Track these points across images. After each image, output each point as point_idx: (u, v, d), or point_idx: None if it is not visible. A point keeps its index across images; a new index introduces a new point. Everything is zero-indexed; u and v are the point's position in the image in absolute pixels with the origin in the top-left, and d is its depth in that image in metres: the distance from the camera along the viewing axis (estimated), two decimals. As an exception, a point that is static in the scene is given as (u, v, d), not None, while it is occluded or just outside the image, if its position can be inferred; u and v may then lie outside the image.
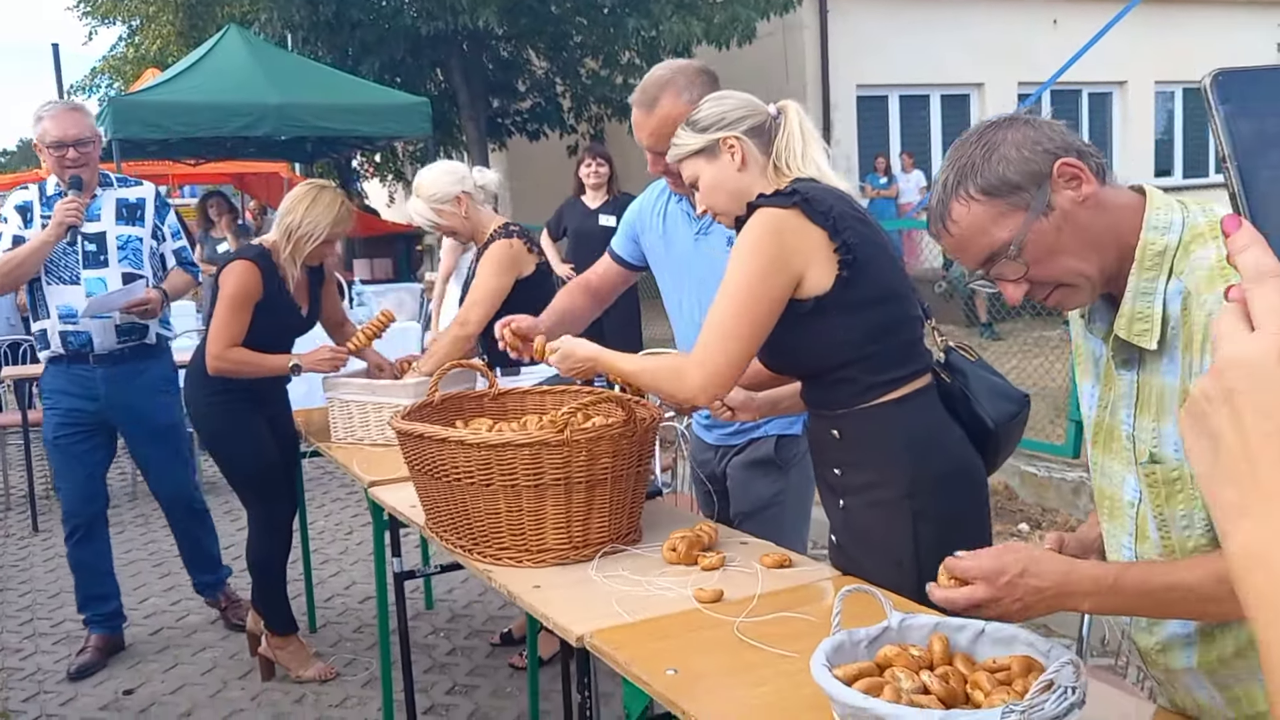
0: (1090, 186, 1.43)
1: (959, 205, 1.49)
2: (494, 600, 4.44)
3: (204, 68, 8.21)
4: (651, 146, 2.59)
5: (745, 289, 1.96)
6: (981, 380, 2.21)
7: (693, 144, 2.16)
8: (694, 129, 2.16)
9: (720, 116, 2.14)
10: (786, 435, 2.67)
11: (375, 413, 3.44)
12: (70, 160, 3.77)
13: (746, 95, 2.22)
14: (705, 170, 2.16)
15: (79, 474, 3.97)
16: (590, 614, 1.95)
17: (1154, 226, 1.44)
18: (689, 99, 2.48)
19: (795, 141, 2.14)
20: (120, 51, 18.02)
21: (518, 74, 13.27)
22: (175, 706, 3.66)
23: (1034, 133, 1.46)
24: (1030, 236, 1.44)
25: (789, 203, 1.97)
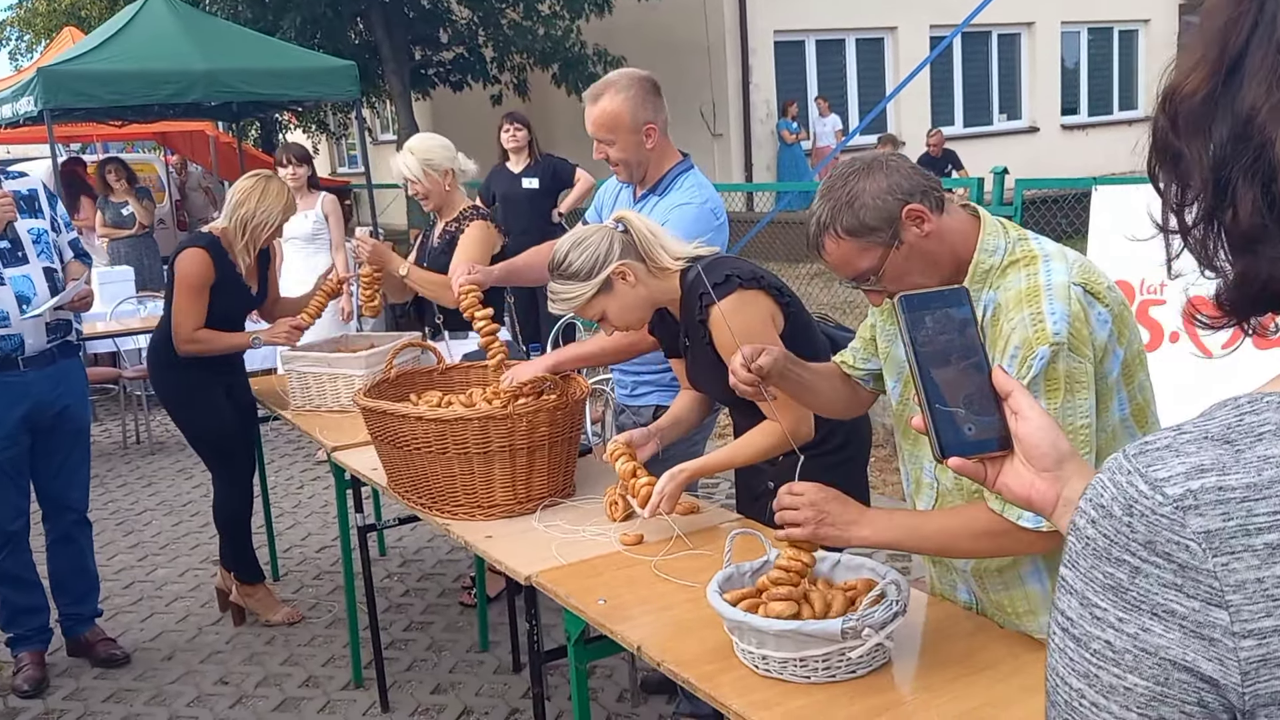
0: (931, 224, 1.82)
1: (829, 240, 1.86)
2: (442, 547, 4.86)
3: (130, 34, 8.29)
4: (594, 135, 3.02)
5: None
6: (844, 340, 2.72)
7: (587, 290, 2.41)
8: (578, 279, 2.41)
9: (595, 256, 2.41)
10: (663, 407, 3.05)
11: (331, 382, 3.81)
12: None
13: (591, 227, 2.52)
14: (609, 303, 2.45)
15: (9, 489, 3.71)
16: (535, 558, 2.38)
17: (984, 249, 1.85)
18: (625, 97, 2.93)
19: (649, 238, 2.47)
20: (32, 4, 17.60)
21: (439, 24, 13.37)
22: (156, 653, 4.03)
23: (888, 180, 1.82)
24: (886, 265, 1.84)
25: (732, 287, 2.37)
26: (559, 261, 2.45)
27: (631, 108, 2.93)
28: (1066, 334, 1.69)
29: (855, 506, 1.86)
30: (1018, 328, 1.72)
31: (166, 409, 4.16)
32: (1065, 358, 1.69)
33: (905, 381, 2.03)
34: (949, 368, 1.05)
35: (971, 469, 1.05)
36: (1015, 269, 1.81)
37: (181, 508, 5.73)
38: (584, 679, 2.26)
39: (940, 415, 1.03)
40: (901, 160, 1.88)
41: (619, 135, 2.95)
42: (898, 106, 14.14)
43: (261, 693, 3.68)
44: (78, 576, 3.98)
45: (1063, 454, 1.01)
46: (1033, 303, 1.73)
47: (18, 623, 3.85)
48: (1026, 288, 1.76)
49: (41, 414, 3.70)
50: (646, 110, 2.96)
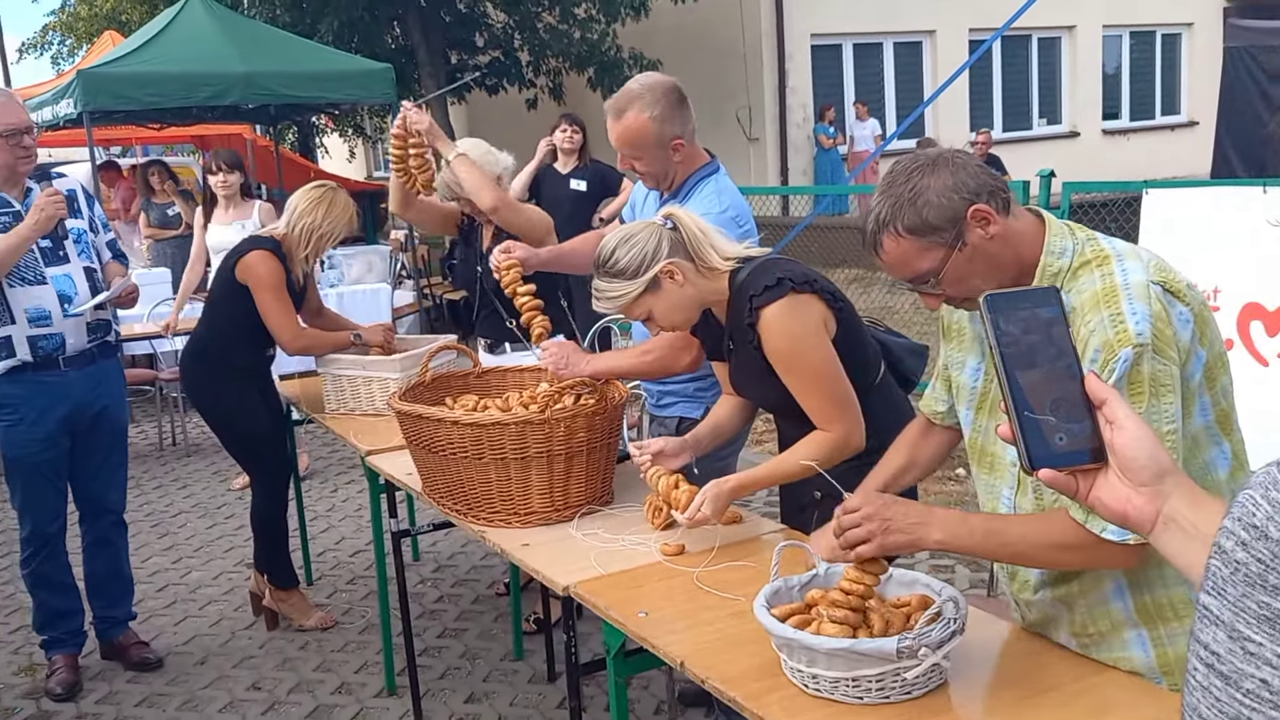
0: (997, 225, 1.73)
1: (889, 239, 1.77)
2: (477, 552, 4.80)
3: (168, 37, 8.32)
4: (618, 148, 2.93)
5: (815, 366, 2.31)
6: (895, 345, 2.65)
7: (634, 289, 2.35)
8: (624, 277, 2.35)
9: (643, 254, 2.34)
10: (688, 419, 2.98)
11: (365, 386, 3.77)
12: (25, 149, 3.54)
13: (639, 223, 2.45)
14: (655, 303, 2.38)
15: (48, 490, 3.70)
16: (572, 567, 2.31)
17: (1051, 251, 1.77)
18: (651, 115, 2.80)
19: (699, 237, 2.39)
20: (74, 8, 17.81)
21: (475, 28, 13.37)
22: (189, 657, 4.00)
23: (954, 178, 1.73)
24: (947, 268, 1.75)
25: (784, 290, 2.29)
26: (605, 258, 2.38)
27: (656, 126, 2.80)
28: (1150, 335, 1.60)
29: (918, 507, 1.77)
30: (1096, 330, 1.63)
31: (201, 413, 4.13)
32: (1150, 360, 1.60)
33: (978, 409, 1.93)
34: (1036, 371, 0.97)
35: (1063, 482, 0.97)
36: (1087, 270, 1.72)
37: (216, 510, 5.72)
38: (623, 693, 2.19)
39: (1028, 424, 0.96)
40: (968, 157, 1.79)
41: (645, 152, 2.85)
42: (936, 111, 14.00)
43: (294, 699, 3.64)
44: (113, 579, 3.97)
45: (1163, 468, 0.93)
46: (1111, 304, 1.64)
47: (53, 625, 3.84)
48: (1103, 288, 1.67)
49: (81, 415, 3.70)
50: (673, 125, 2.83)
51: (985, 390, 1.92)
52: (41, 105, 9.00)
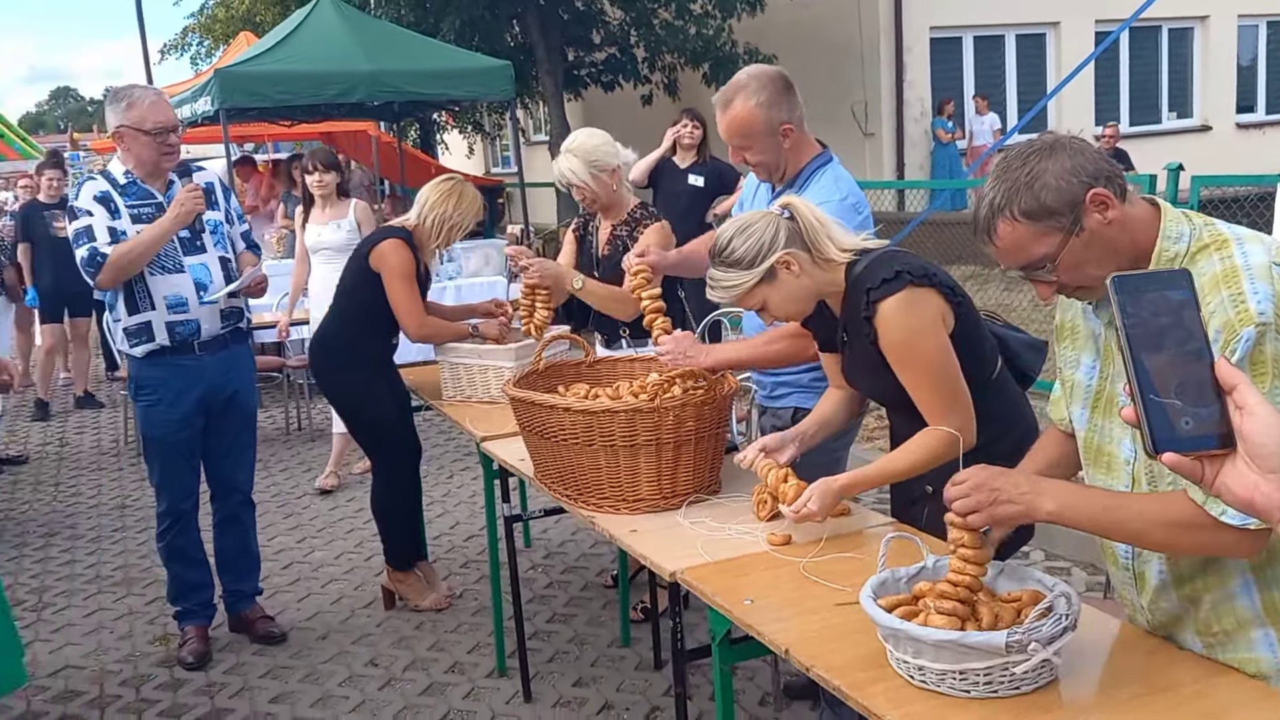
0: (1115, 210, 1.70)
1: (1004, 224, 1.75)
2: (587, 540, 4.88)
3: (299, 37, 8.66)
4: (728, 140, 2.94)
5: (931, 361, 2.29)
6: (1013, 340, 2.60)
7: (749, 279, 2.34)
8: (740, 267, 2.35)
9: (760, 244, 2.34)
10: (803, 409, 2.96)
11: (481, 374, 3.86)
12: (170, 146, 3.72)
13: (756, 213, 2.44)
14: (770, 293, 2.37)
15: (184, 468, 3.89)
16: (680, 554, 2.34)
17: (1168, 236, 1.73)
18: (757, 101, 2.82)
19: (816, 227, 2.38)
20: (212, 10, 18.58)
21: (593, 25, 13.50)
22: (311, 632, 4.17)
23: (1072, 162, 1.71)
24: (1063, 253, 1.72)
25: (902, 283, 2.27)
26: (721, 248, 2.39)
27: (764, 112, 2.81)
28: (1273, 314, 1.56)
29: (1029, 478, 1.74)
30: (1217, 311, 1.59)
31: (329, 399, 4.29)
32: (1273, 340, 1.55)
33: (1093, 408, 1.90)
34: (1163, 354, 0.97)
35: (1187, 466, 0.96)
36: (1205, 254, 1.68)
37: (339, 492, 5.92)
38: (728, 680, 2.22)
39: (1153, 406, 0.95)
40: (1085, 143, 1.76)
41: (754, 141, 2.86)
42: (1059, 104, 13.58)
43: (409, 676, 3.76)
44: (241, 556, 4.15)
45: None
46: (1232, 284, 1.60)
47: (185, 597, 4.04)
48: (1223, 270, 1.63)
49: (214, 397, 3.87)
50: (780, 111, 2.83)
51: (1100, 389, 1.88)
52: (181, 103, 9.43)
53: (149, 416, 3.83)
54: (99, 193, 3.68)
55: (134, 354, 3.77)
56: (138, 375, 3.81)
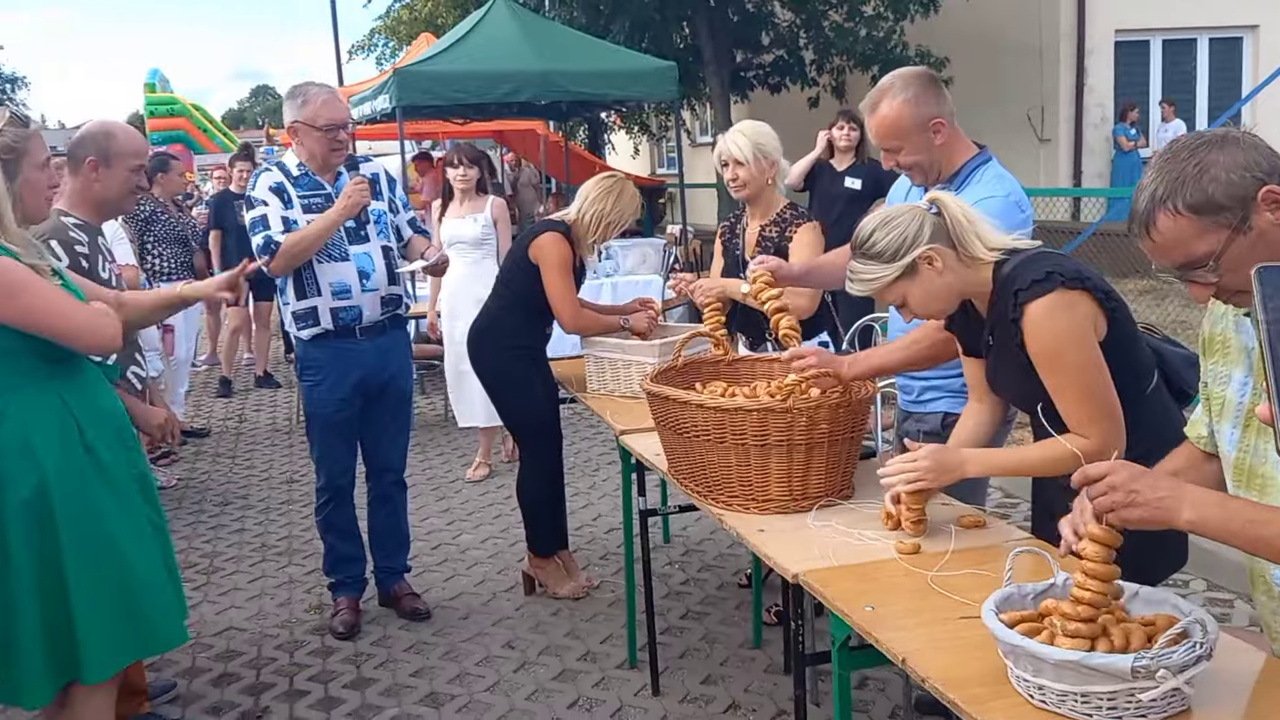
0: None
1: (1165, 217, 1.66)
2: (724, 539, 4.88)
3: (474, 38, 8.96)
4: (879, 144, 2.92)
5: (1079, 368, 2.21)
6: (1173, 355, 2.47)
7: (889, 273, 2.29)
8: (880, 260, 2.30)
9: (903, 238, 2.28)
10: (952, 414, 2.88)
11: (625, 369, 3.92)
12: (339, 141, 3.89)
13: (901, 206, 2.38)
14: (911, 289, 2.32)
15: (341, 446, 4.08)
16: (804, 556, 2.32)
17: None
18: (904, 98, 2.79)
19: (964, 224, 2.31)
20: (397, 12, 19.39)
21: (762, 27, 13.47)
22: (454, 612, 4.31)
23: (1244, 156, 1.62)
24: (1227, 252, 1.63)
25: (1052, 285, 2.19)
26: (863, 239, 2.35)
27: (912, 108, 2.78)
28: None
29: (1171, 481, 1.65)
30: None
31: (486, 388, 4.42)
32: None
33: (1245, 426, 1.79)
34: None
35: None
36: None
37: (489, 479, 6.10)
38: (847, 685, 2.19)
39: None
40: (1259, 139, 1.66)
41: (904, 139, 2.82)
42: (1254, 111, 12.77)
43: (543, 661, 3.85)
44: (392, 534, 4.33)
45: None
46: None
47: (339, 570, 4.23)
48: None
49: (372, 381, 4.04)
50: (928, 105, 2.79)
51: (1251, 405, 1.78)
52: (361, 101, 9.90)
53: (312, 396, 4.04)
54: (274, 184, 3.88)
55: (301, 337, 3.98)
56: (303, 357, 4.03)
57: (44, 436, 2.54)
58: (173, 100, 19.59)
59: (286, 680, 3.79)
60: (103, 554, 2.61)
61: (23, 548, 2.52)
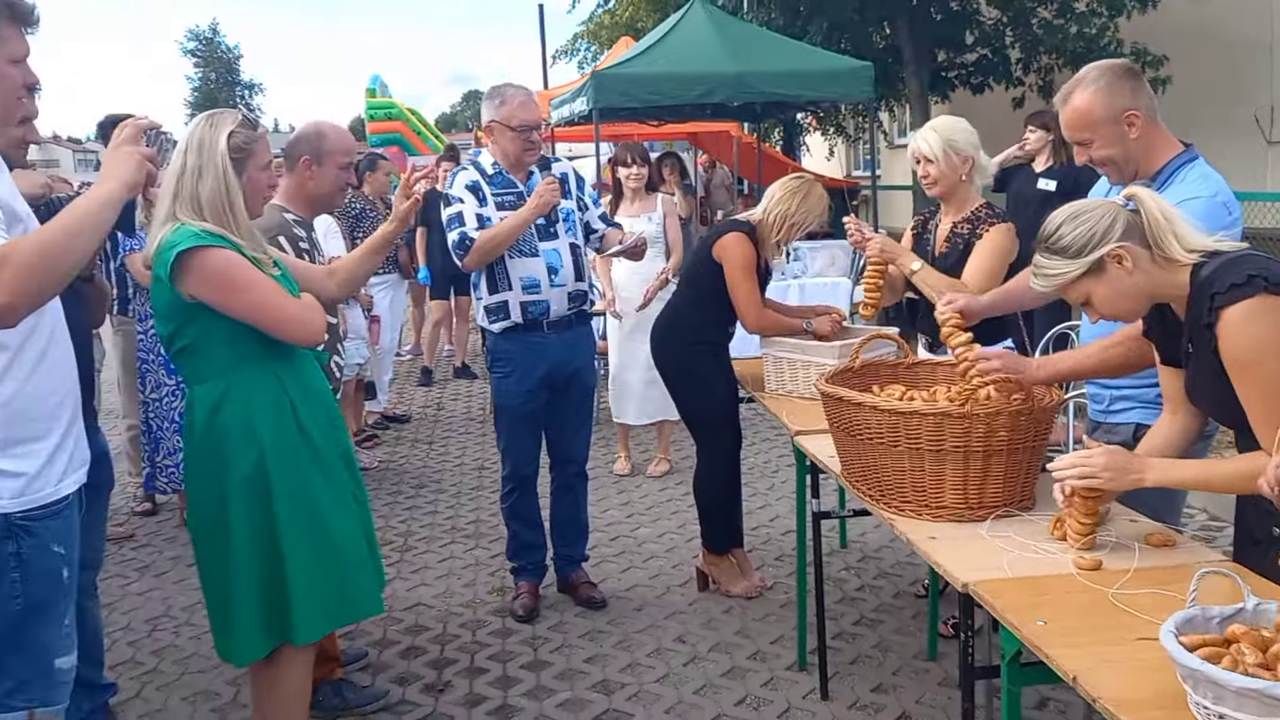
0: None
1: None
2: (903, 547, 4.79)
3: (670, 40, 9.09)
4: (1071, 138, 2.81)
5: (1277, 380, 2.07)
6: None
7: (1074, 269, 2.20)
8: (1066, 255, 2.20)
9: (1091, 233, 2.18)
10: (1145, 426, 2.73)
11: (804, 370, 3.90)
12: (532, 142, 4.03)
13: (1094, 200, 2.28)
14: (1096, 288, 2.21)
15: (527, 437, 4.22)
16: (977, 565, 2.27)
17: None
18: (1095, 89, 2.69)
19: (1161, 223, 2.19)
20: (599, 17, 19.83)
21: (966, 25, 13.06)
22: (628, 603, 4.40)
23: None
24: None
25: (1253, 289, 2.06)
26: (1049, 233, 2.26)
27: (1105, 99, 2.66)
28: None
29: None
30: None
31: (666, 384, 4.49)
32: None
33: None
34: None
35: None
36: None
37: (670, 475, 6.18)
38: (1017, 702, 2.13)
39: None
40: None
41: (1095, 131, 2.69)
42: None
43: (712, 657, 3.88)
44: (572, 523, 4.45)
45: None
46: None
47: (521, 555, 4.39)
48: None
49: (558, 374, 4.17)
50: (1122, 97, 2.66)
51: None
52: (561, 104, 10.19)
53: (500, 387, 4.19)
54: (470, 182, 4.05)
55: (492, 330, 4.16)
56: (493, 349, 4.20)
57: (263, 415, 2.74)
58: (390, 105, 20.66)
59: (468, 657, 3.96)
60: (313, 526, 2.79)
61: (243, 519, 2.73)
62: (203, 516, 2.78)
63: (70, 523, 2.36)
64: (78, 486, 2.38)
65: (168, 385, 5.30)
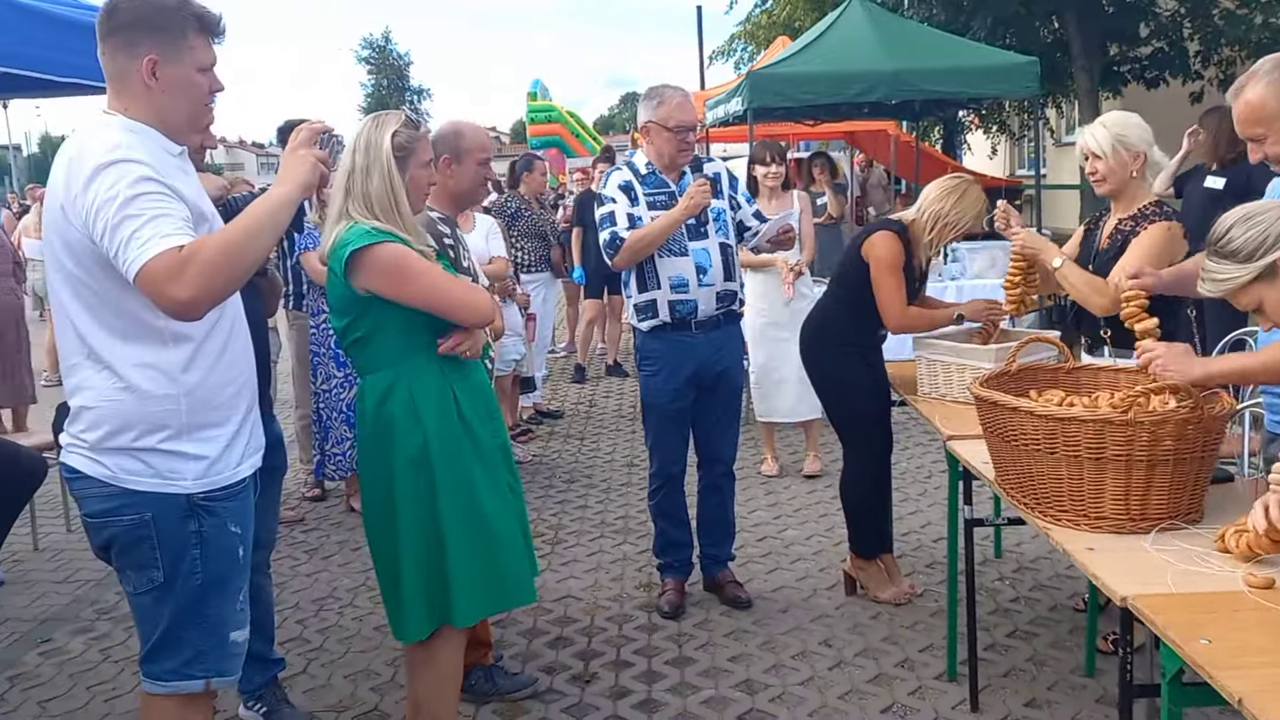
0: None
1: None
2: (1061, 560, 4.62)
3: (827, 39, 9.00)
4: (1243, 134, 2.67)
5: None
6: None
7: (1243, 274, 2.12)
8: (1235, 259, 2.13)
9: (1263, 237, 2.10)
10: None
11: (959, 373, 3.82)
12: (687, 143, 4.07)
13: (1269, 202, 2.17)
14: (1268, 293, 2.14)
15: (674, 436, 4.26)
16: (1138, 579, 2.18)
17: None
18: (1269, 81, 2.54)
19: None
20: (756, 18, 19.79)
21: (1140, 17, 12.49)
22: (773, 604, 4.39)
23: None
24: None
25: None
26: (1219, 236, 2.18)
27: (1278, 89, 2.50)
28: None
29: None
30: None
31: (813, 385, 4.47)
32: None
33: None
34: None
35: None
36: None
37: (820, 478, 6.13)
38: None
39: None
40: None
41: (1269, 126, 2.54)
42: None
43: (858, 662, 3.83)
44: (718, 523, 4.47)
45: None
46: None
47: (667, 553, 4.43)
48: None
49: (705, 373, 4.20)
50: None
51: None
52: (716, 105, 10.22)
53: (648, 386, 4.24)
54: (623, 182, 4.12)
55: (640, 328, 4.22)
56: (642, 347, 4.26)
57: (427, 404, 2.86)
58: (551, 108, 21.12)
59: (614, 650, 4.02)
60: (472, 513, 2.89)
61: (409, 502, 2.85)
62: (373, 499, 2.93)
63: (246, 504, 2.52)
64: (254, 470, 2.54)
65: (337, 377, 5.56)
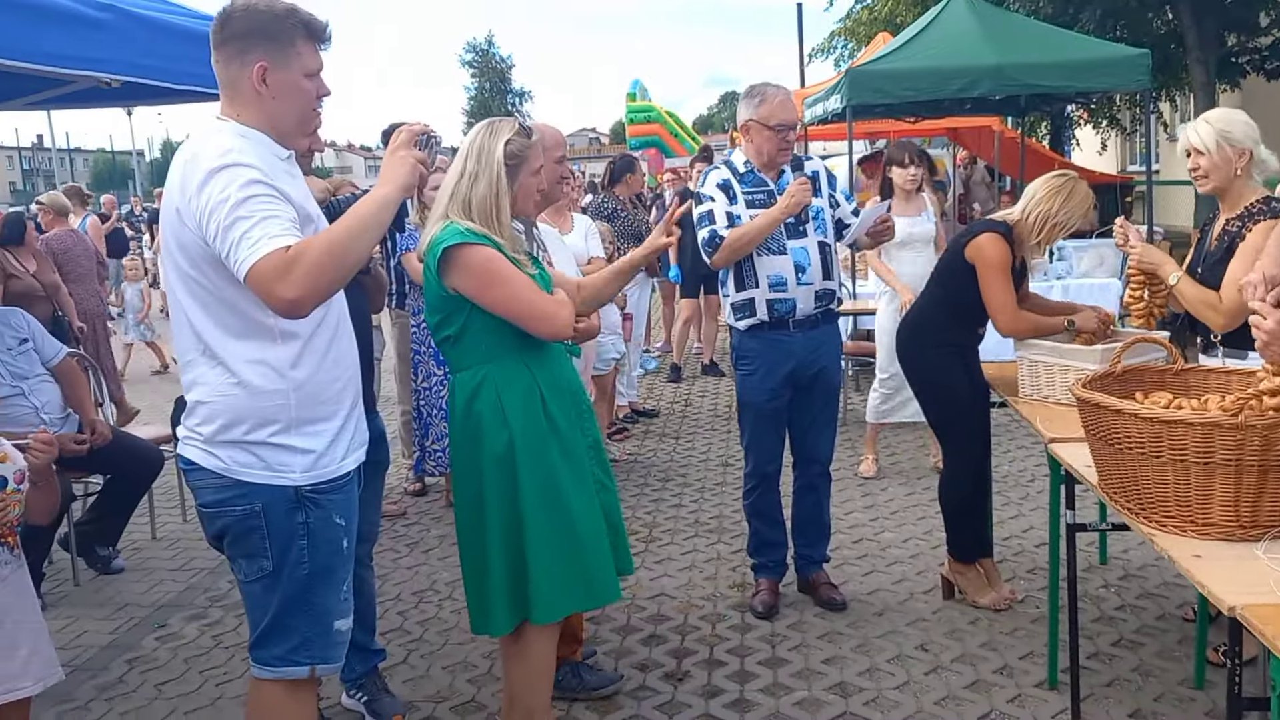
0: None
1: None
2: (1170, 567, 4.46)
3: (929, 34, 8.84)
4: None
5: None
6: None
7: None
8: None
9: None
10: None
11: (1062, 374, 3.73)
12: (787, 142, 4.05)
13: None
14: None
15: (770, 435, 4.24)
16: (1247, 589, 2.11)
17: None
18: None
19: None
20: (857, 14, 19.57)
21: (1261, 6, 12.00)
22: (869, 607, 4.34)
23: None
24: None
25: None
26: None
27: None
28: None
29: None
30: None
31: (912, 385, 4.41)
32: None
33: None
34: None
35: None
36: None
37: (916, 479, 6.05)
38: (1289, 738, 1.97)
39: None
40: None
41: None
42: None
43: (956, 668, 3.77)
44: (814, 523, 4.44)
45: None
46: None
47: (761, 553, 4.42)
48: None
49: (802, 372, 4.18)
50: None
51: None
52: (815, 102, 10.13)
53: (745, 385, 4.24)
54: (721, 180, 4.12)
55: (738, 327, 4.21)
56: (739, 346, 4.25)
57: (513, 402, 2.91)
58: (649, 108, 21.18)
59: (707, 649, 4.03)
60: (555, 511, 2.94)
61: (495, 497, 2.91)
62: (463, 493, 3.00)
63: (351, 497, 2.60)
64: (358, 464, 2.63)
65: (437, 375, 5.68)
